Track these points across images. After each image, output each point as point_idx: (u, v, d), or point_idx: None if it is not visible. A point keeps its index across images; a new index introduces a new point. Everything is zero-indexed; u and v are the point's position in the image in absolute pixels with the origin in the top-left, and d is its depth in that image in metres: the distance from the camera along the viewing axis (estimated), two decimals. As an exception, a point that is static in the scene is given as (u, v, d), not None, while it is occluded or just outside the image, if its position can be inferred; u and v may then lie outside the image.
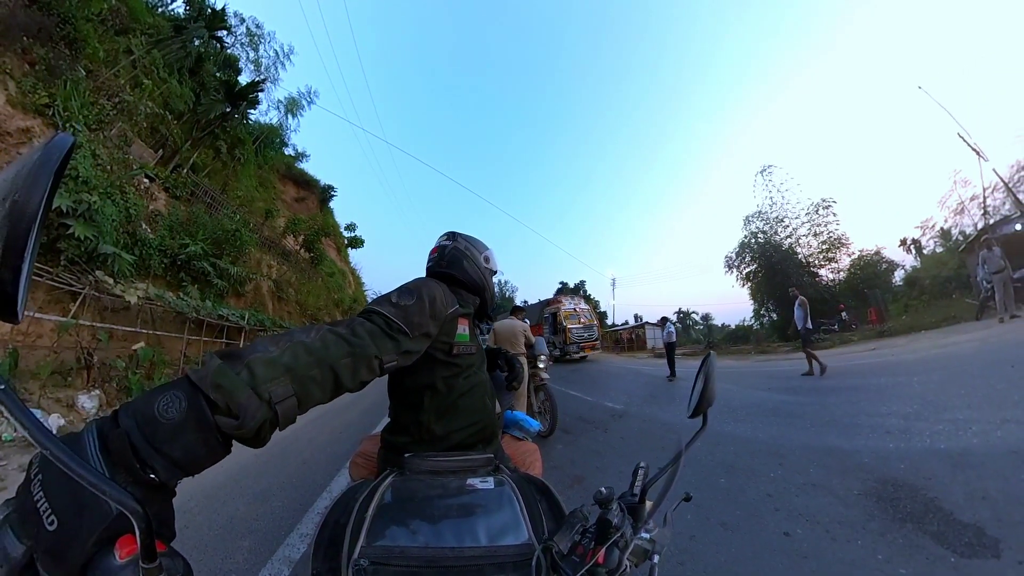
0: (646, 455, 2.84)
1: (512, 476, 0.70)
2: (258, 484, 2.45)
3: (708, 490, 2.08)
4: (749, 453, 2.64)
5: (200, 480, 2.45)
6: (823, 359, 5.58)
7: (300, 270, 11.83)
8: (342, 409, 5.27)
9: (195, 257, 6.04)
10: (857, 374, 5.06)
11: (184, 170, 8.28)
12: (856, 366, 5.75)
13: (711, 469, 2.37)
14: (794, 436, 2.87)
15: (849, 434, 2.70)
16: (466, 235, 1.03)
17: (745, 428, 3.28)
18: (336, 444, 3.43)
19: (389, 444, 0.84)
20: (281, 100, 15.83)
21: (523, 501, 0.59)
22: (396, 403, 0.88)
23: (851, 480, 2.00)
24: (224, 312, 6.03)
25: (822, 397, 3.99)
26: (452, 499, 0.64)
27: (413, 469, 0.73)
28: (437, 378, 0.81)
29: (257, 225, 10.10)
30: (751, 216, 19.16)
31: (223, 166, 10.35)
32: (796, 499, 1.90)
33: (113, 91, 6.29)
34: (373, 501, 0.57)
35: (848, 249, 16.38)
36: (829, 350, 8.92)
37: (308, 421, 4.39)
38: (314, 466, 2.82)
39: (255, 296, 8.27)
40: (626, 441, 3.21)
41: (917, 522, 1.57)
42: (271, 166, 14.63)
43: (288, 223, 11.99)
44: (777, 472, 2.24)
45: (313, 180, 18.63)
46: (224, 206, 8.73)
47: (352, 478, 0.97)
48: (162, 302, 4.89)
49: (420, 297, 0.72)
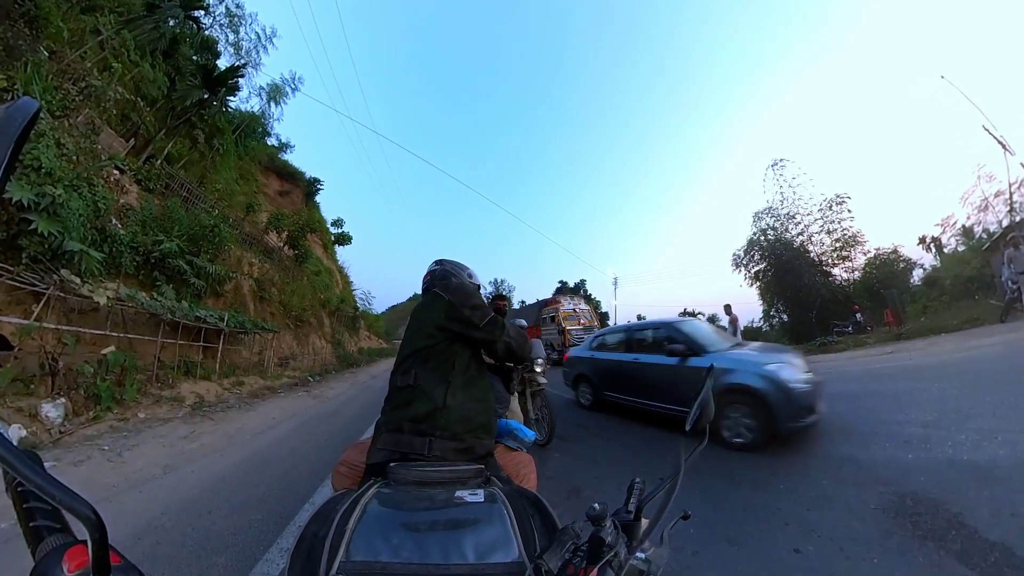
0: (648, 465, 2.85)
1: (504, 489, 0.70)
2: (236, 495, 2.43)
3: (712, 502, 2.09)
4: (756, 464, 2.64)
5: (174, 492, 2.44)
6: (831, 362, 5.60)
7: (284, 268, 11.77)
8: (327, 416, 5.26)
9: (170, 254, 5.99)
10: (872, 379, 5.10)
11: (158, 161, 8.20)
12: (871, 370, 5.79)
13: (715, 480, 2.38)
14: (805, 444, 2.87)
15: (864, 443, 2.71)
16: (450, 260, 1.33)
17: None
18: (320, 453, 3.43)
19: (384, 441, 0.86)
20: (263, 86, 15.79)
21: (514, 516, 0.58)
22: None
23: (867, 493, 1.99)
24: (202, 313, 5.98)
25: (835, 404, 4.01)
26: (439, 512, 0.64)
27: (398, 479, 0.73)
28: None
29: (237, 220, 10.02)
30: (761, 212, 19.27)
31: (200, 157, 10.27)
32: (807, 513, 1.90)
33: (79, 75, 6.19)
34: (355, 513, 0.57)
35: (863, 247, 16.45)
36: (842, 353, 8.98)
37: (291, 429, 4.38)
38: (296, 476, 2.82)
39: (235, 296, 8.22)
40: (627, 450, 3.23)
41: (939, 540, 1.55)
42: (252, 157, 14.55)
43: (271, 218, 11.91)
44: (787, 484, 2.24)
45: (298, 172, 18.54)
46: (202, 200, 8.66)
47: (334, 488, 0.98)
48: (134, 303, 4.85)
49: (480, 295, 1.11)
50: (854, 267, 16.79)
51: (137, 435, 3.54)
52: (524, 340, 1.09)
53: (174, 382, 5.27)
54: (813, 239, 17.83)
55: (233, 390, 6.14)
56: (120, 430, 3.59)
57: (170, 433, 3.74)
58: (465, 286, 1.10)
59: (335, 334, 14.43)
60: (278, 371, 8.48)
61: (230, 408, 5.13)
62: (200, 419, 4.40)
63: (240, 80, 10.14)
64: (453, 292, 1.06)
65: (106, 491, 2.39)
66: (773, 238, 18.47)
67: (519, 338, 1.07)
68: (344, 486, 0.92)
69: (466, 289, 1.08)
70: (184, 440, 3.58)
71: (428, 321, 1.01)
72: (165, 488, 2.52)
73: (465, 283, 1.13)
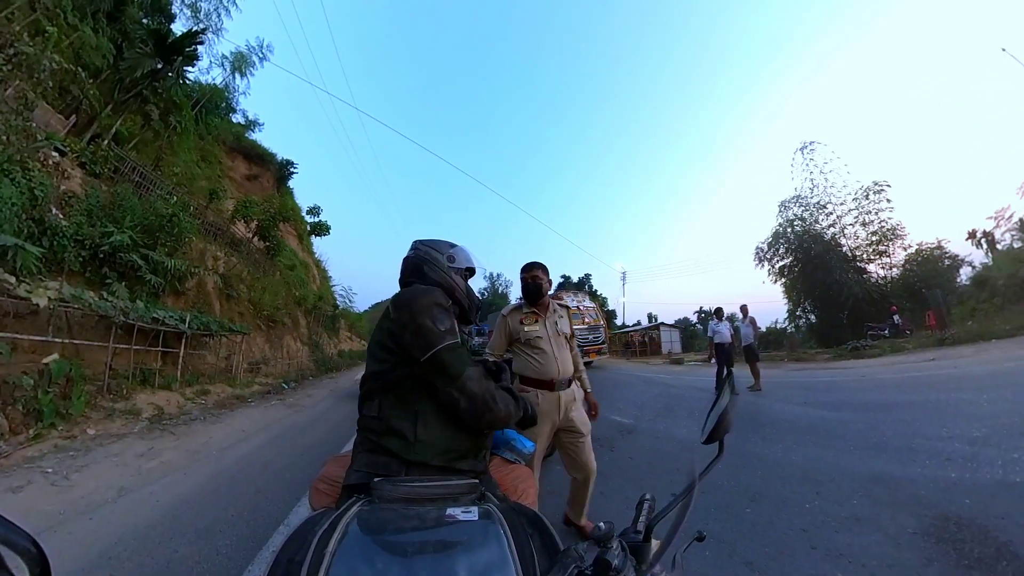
0: (660, 480, 2.88)
1: (500, 506, 0.71)
2: (201, 519, 2.44)
3: (730, 522, 2.11)
4: (780, 479, 2.68)
5: (130, 518, 2.44)
6: (864, 369, 5.65)
7: (253, 262, 11.73)
8: (304, 427, 5.28)
9: (122, 248, 5.94)
10: (911, 388, 5.16)
11: (105, 141, 8.10)
12: (910, 379, 5.86)
13: (734, 497, 2.41)
14: (835, 460, 2.92)
15: (902, 460, 2.73)
16: (428, 240, 1.18)
17: (775, 449, 3.33)
18: (296, 469, 3.45)
19: (360, 462, 0.87)
20: (226, 55, 15.54)
21: (512, 535, 0.60)
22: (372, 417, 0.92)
23: (904, 515, 2.00)
24: (160, 314, 5.95)
25: (869, 414, 4.07)
26: (428, 532, 0.65)
27: (383, 496, 0.74)
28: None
29: (200, 208, 9.96)
30: (788, 201, 19.25)
31: (155, 136, 10.16)
32: (836, 536, 1.92)
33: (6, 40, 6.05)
34: (335, 534, 0.58)
35: (903, 241, 16.51)
36: (877, 359, 9.06)
37: (263, 443, 4.40)
38: (269, 495, 2.83)
39: (198, 294, 8.19)
40: (635, 461, 3.26)
41: (986, 570, 1.54)
42: (216, 136, 14.42)
43: (238, 206, 11.84)
44: (814, 502, 2.27)
45: (268, 154, 18.44)
46: (157, 185, 8.59)
47: (312, 507, 0.98)
48: (80, 304, 4.81)
49: (444, 308, 0.92)
50: (892, 263, 16.83)
51: (86, 454, 3.51)
52: (485, 399, 0.85)
53: (129, 393, 5.25)
54: (846, 231, 17.82)
55: (197, 400, 6.13)
56: (66, 449, 3.57)
57: (125, 451, 3.73)
58: (418, 298, 0.93)
59: (312, 335, 14.42)
60: (248, 378, 8.47)
61: (194, 420, 5.12)
62: (159, 434, 4.39)
63: (199, 48, 10.01)
64: (401, 306, 0.93)
65: (50, 520, 2.36)
66: (801, 230, 18.47)
67: (480, 391, 0.85)
68: (323, 505, 0.92)
69: (418, 301, 0.92)
70: (141, 458, 3.57)
71: (375, 342, 0.96)
72: (120, 513, 2.51)
73: (420, 294, 0.95)
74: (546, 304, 2.01)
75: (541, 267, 2.03)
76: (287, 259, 15.13)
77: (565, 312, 2.11)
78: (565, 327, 2.03)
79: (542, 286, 1.99)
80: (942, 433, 3.17)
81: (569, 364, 1.97)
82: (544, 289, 1.99)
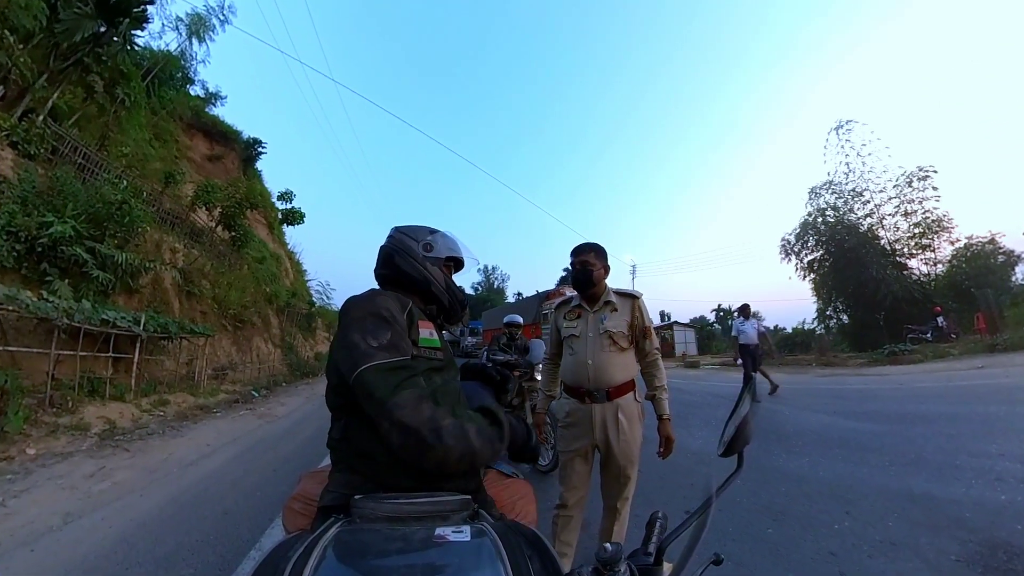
0: (670, 494, 2.92)
1: (495, 525, 0.72)
2: (161, 546, 2.45)
3: (750, 543, 2.14)
4: (806, 496, 2.72)
5: (78, 547, 2.45)
6: (902, 376, 5.69)
7: (217, 255, 11.65)
8: (277, 439, 5.31)
9: (63, 241, 5.88)
10: (956, 399, 5.22)
11: (40, 117, 7.96)
12: (955, 388, 5.92)
13: (755, 515, 2.44)
14: (867, 476, 2.96)
15: (944, 478, 2.76)
16: (406, 226, 1.16)
17: (801, 462, 3.38)
18: (268, 487, 3.48)
19: (335, 483, 0.87)
20: (181, 18, 15.27)
21: (508, 558, 0.60)
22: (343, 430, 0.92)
23: (945, 540, 2.01)
24: (110, 315, 5.90)
25: (907, 427, 4.12)
26: (416, 555, 0.65)
27: (365, 515, 0.74)
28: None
29: (154, 194, 9.87)
30: (819, 187, 19.21)
31: (100, 111, 9.99)
32: (869, 561, 1.94)
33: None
34: (311, 560, 0.58)
35: (950, 235, 16.25)
36: (917, 365, 9.14)
37: (231, 458, 4.43)
38: (238, 517, 2.85)
39: (154, 292, 8.14)
40: (645, 475, 3.25)
41: None
42: (171, 111, 14.24)
43: (199, 191, 11.70)
44: (844, 523, 2.30)
45: (232, 131, 18.25)
46: (104, 168, 8.50)
47: (286, 529, 0.99)
48: (15, 306, 4.75)
49: (383, 319, 0.88)
50: (937, 259, 16.74)
51: (26, 477, 3.49)
52: (421, 433, 0.73)
53: (75, 406, 5.22)
54: (885, 222, 17.75)
55: (155, 412, 6.13)
56: (3, 472, 3.54)
57: (71, 471, 3.72)
58: (355, 307, 0.90)
59: (285, 336, 14.39)
60: (213, 385, 8.46)
61: (151, 435, 5.12)
62: (111, 451, 4.38)
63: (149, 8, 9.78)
64: (340, 316, 0.91)
65: (-16, 554, 2.35)
66: (834, 220, 18.45)
67: (416, 423, 0.73)
68: (299, 526, 0.93)
69: (353, 311, 0.89)
70: (90, 479, 3.57)
71: (333, 351, 0.94)
72: (66, 543, 2.50)
73: (361, 302, 0.92)
74: (597, 295, 1.86)
75: (593, 250, 1.85)
76: (256, 251, 15.03)
77: (629, 304, 1.84)
78: (618, 324, 1.79)
79: (592, 273, 1.81)
80: (991, 450, 3.19)
81: (610, 372, 1.76)
82: (596, 277, 1.81)
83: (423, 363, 0.91)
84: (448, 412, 0.79)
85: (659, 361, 1.87)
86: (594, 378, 1.76)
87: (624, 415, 1.75)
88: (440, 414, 0.77)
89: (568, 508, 1.82)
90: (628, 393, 1.80)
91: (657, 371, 1.86)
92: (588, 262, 1.82)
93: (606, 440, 1.75)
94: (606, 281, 1.90)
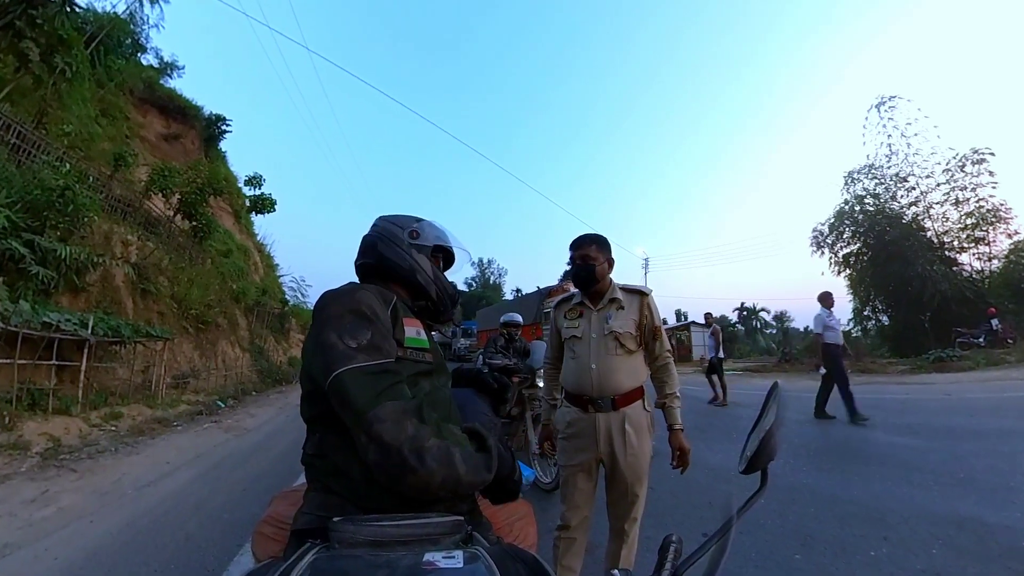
0: (686, 514, 2.93)
1: (491, 549, 0.73)
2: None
3: (775, 570, 2.16)
4: (838, 518, 2.73)
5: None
6: (951, 385, 5.69)
7: (176, 248, 11.62)
8: (246, 455, 5.33)
9: (-2, 232, 5.83)
10: (1011, 413, 5.24)
11: (-30, 91, 7.87)
12: (1011, 400, 5.95)
13: (780, 539, 2.45)
14: (908, 497, 2.97)
15: (995, 501, 2.76)
16: (391, 215, 1.20)
17: (833, 480, 3.41)
18: (237, 508, 3.50)
19: (311, 503, 0.87)
20: (131, -24, 15.04)
21: None
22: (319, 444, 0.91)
23: (997, 571, 2.02)
24: (53, 318, 5.86)
25: (955, 443, 4.14)
26: None
27: (344, 539, 0.73)
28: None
29: (102, 178, 9.78)
30: (857, 172, 19.09)
31: (36, 83, 9.83)
32: (917, 595, 1.96)
33: None
34: None
35: (1008, 226, 15.94)
36: (968, 373, 9.13)
37: (194, 477, 4.46)
38: (203, 543, 2.87)
39: (104, 290, 8.09)
40: (657, 493, 3.28)
41: None
42: (120, 84, 14.09)
43: (154, 175, 11.59)
44: (880, 550, 2.31)
45: (191, 107, 18.10)
46: (43, 149, 8.40)
47: (256, 556, 1.01)
48: (-52, 304, 4.72)
49: (364, 316, 0.87)
50: (992, 254, 16.51)
51: (-44, 503, 3.49)
52: (403, 454, 0.72)
53: (12, 421, 5.19)
54: (932, 212, 17.61)
55: (106, 426, 6.11)
56: (-72, 498, 3.55)
57: (10, 496, 3.70)
58: (332, 303, 0.90)
59: (255, 339, 14.38)
60: (173, 395, 8.47)
61: (102, 453, 5.11)
62: (56, 472, 4.36)
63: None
64: (314, 313, 0.93)
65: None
66: (873, 208, 18.36)
67: (396, 441, 0.73)
68: (270, 553, 0.93)
69: (330, 307, 0.90)
70: (32, 504, 3.55)
71: (304, 355, 0.96)
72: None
73: (338, 296, 0.92)
74: (601, 292, 1.85)
75: (595, 242, 1.84)
76: (221, 243, 14.98)
77: (637, 301, 1.83)
78: (625, 324, 1.78)
79: (594, 269, 1.80)
80: (1052, 469, 3.23)
81: (616, 377, 1.75)
82: (599, 272, 1.81)
83: (409, 366, 0.91)
84: (434, 432, 0.79)
85: (671, 365, 1.87)
86: (598, 384, 1.75)
87: (632, 426, 1.75)
88: (424, 433, 0.76)
89: (571, 529, 1.83)
90: (636, 401, 1.79)
91: (668, 376, 1.85)
92: (589, 256, 1.81)
93: (611, 454, 1.75)
94: (611, 276, 1.89)
